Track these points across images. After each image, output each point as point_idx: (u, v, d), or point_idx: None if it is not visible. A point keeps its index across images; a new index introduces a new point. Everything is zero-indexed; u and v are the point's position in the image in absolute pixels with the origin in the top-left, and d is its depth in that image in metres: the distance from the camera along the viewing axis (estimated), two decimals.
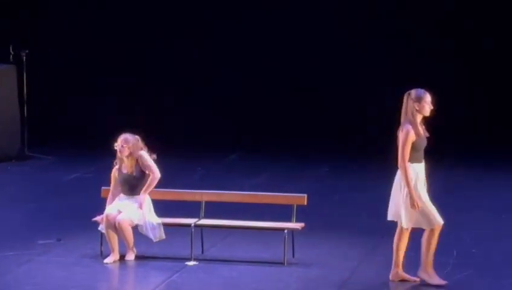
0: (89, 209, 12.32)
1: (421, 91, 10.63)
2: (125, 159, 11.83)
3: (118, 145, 11.82)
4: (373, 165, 16.92)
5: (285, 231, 11.78)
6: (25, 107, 17.89)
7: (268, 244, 11.99)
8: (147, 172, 11.83)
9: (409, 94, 10.60)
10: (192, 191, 12.64)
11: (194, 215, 12.15)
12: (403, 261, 10.77)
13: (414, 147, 10.53)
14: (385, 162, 16.85)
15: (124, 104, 18.46)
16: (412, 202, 10.46)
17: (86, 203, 12.83)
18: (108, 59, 19.53)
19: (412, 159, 10.54)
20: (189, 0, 20.03)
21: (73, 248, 12.22)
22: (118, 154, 11.85)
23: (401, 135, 10.56)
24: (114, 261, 11.74)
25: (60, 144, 17.88)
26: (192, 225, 11.98)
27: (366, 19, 20.41)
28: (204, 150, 16.90)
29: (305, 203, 12.02)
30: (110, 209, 11.79)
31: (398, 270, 10.81)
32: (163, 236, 11.83)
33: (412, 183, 10.50)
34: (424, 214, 10.64)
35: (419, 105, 10.54)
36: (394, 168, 10.31)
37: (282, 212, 12.12)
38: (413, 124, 10.54)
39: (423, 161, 10.71)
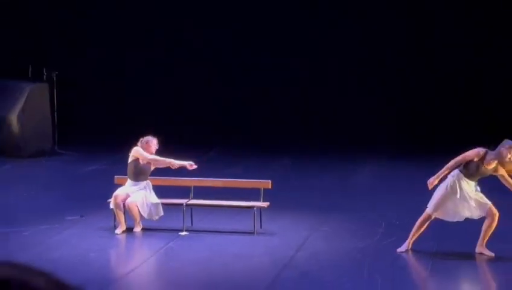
0: (104, 193, 12.32)
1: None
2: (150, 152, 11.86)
3: (143, 142, 11.86)
4: (325, 160, 17.03)
5: (255, 208, 11.86)
6: (55, 115, 17.88)
7: (242, 218, 11.96)
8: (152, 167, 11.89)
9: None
10: (184, 178, 12.68)
11: (185, 197, 12.20)
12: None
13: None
14: (333, 159, 17.09)
15: (130, 112, 18.43)
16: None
17: (102, 189, 12.86)
18: (117, 77, 19.53)
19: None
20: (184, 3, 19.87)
21: (92, 223, 12.22)
22: (152, 146, 11.85)
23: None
24: (122, 232, 11.76)
25: (82, 144, 17.87)
26: (184, 204, 12.03)
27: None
28: (191, 147, 16.93)
29: (270, 187, 12.08)
30: (119, 191, 11.83)
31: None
32: (162, 213, 11.86)
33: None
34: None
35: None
36: (343, 161, 10.41)
37: (252, 194, 12.14)
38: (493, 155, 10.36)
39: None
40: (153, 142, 11.94)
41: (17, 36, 19.59)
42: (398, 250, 10.73)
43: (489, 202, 10.44)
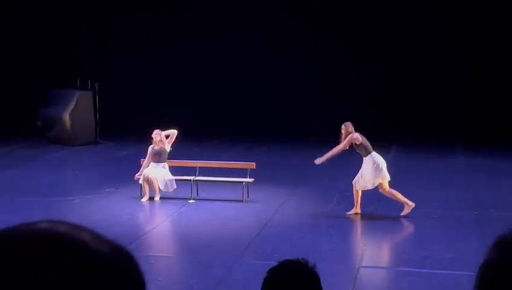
0: (133, 171, 12.29)
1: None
2: (157, 141, 11.88)
3: (154, 134, 11.91)
4: (295, 146, 17.01)
5: (243, 183, 11.85)
6: (97, 115, 17.81)
7: (234, 190, 11.91)
8: (168, 146, 11.89)
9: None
10: (192, 161, 12.65)
11: (192, 174, 12.19)
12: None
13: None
14: (300, 144, 17.02)
15: (151, 111, 18.37)
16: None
17: (132, 168, 12.80)
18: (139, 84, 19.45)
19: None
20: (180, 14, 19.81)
21: (124, 193, 12.18)
22: (154, 138, 11.88)
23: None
24: (147, 201, 11.75)
25: (116, 136, 17.78)
26: (192, 179, 12.02)
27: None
28: (198, 138, 16.86)
29: (255, 167, 12.09)
30: (146, 171, 11.81)
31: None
32: (175, 186, 11.85)
33: None
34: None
35: None
36: (307, 147, 10.21)
37: (242, 172, 12.15)
38: None
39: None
40: (156, 134, 11.88)
41: (70, 57, 19.50)
42: (347, 213, 10.78)
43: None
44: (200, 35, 19.42)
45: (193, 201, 11.73)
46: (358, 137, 10.60)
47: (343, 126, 10.78)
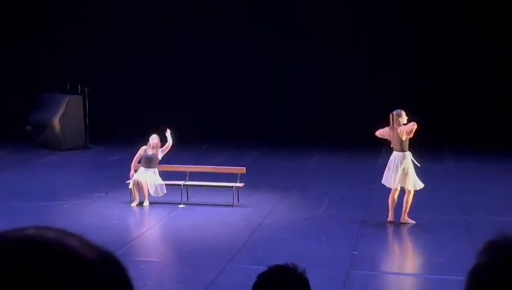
0: (123, 176, 12.26)
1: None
2: (153, 145, 11.84)
3: (152, 138, 11.86)
4: (284, 151, 17.03)
5: (233, 187, 11.84)
6: (87, 119, 17.77)
7: (224, 195, 11.91)
8: (161, 154, 11.86)
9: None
10: (182, 165, 12.64)
11: (183, 179, 12.17)
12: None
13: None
14: (290, 150, 17.05)
15: (141, 116, 18.34)
16: None
17: (122, 172, 12.77)
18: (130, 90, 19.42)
19: None
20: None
21: (114, 198, 12.15)
22: (151, 141, 11.83)
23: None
24: (136, 205, 11.72)
25: (106, 140, 17.75)
26: (182, 184, 11.99)
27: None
28: (189, 143, 16.82)
29: (245, 172, 12.08)
30: (136, 175, 11.77)
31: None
32: (165, 191, 11.82)
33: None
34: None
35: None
36: (298, 152, 10.19)
37: (232, 177, 12.14)
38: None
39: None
40: (153, 139, 11.87)
41: (60, 61, 19.45)
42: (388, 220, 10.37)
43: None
44: (189, 40, 19.41)
45: (183, 206, 11.71)
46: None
47: (396, 113, 10.07)
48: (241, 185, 11.86)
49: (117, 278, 0.85)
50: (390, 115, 10.22)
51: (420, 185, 10.21)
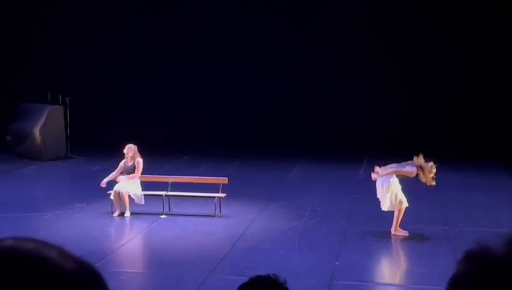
0: (104, 186, 12.20)
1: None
2: (129, 158, 11.80)
3: (126, 149, 11.82)
4: (266, 161, 17.03)
5: (215, 198, 11.82)
6: (68, 130, 17.67)
7: (206, 205, 11.91)
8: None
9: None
10: (164, 176, 12.59)
11: (164, 189, 12.12)
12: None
13: None
14: (272, 161, 17.05)
15: (122, 126, 18.27)
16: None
17: None
18: (113, 97, 19.34)
19: None
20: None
21: (95, 208, 12.08)
22: (125, 154, 11.81)
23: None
24: (118, 215, 11.67)
25: (87, 150, 17.66)
26: (164, 194, 11.95)
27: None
28: (170, 153, 16.79)
29: (227, 182, 12.06)
30: (117, 187, 11.71)
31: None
32: (143, 202, 11.77)
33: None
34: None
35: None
36: (279, 163, 10.16)
37: (214, 187, 12.12)
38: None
39: None
40: (127, 149, 11.83)
41: (40, 71, 19.35)
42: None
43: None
44: (169, 50, 19.39)
45: (165, 216, 11.66)
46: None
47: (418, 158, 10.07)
48: (223, 195, 11.84)
49: (95, 288, 0.84)
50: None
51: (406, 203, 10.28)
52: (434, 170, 10.05)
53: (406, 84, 18.64)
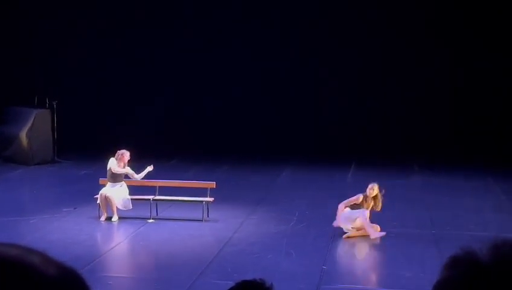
0: (92, 190, 12.15)
1: None
2: (122, 163, 11.75)
3: (119, 154, 11.73)
4: (254, 166, 17.01)
5: (203, 202, 11.80)
6: (55, 133, 17.58)
7: (194, 209, 11.85)
8: (129, 174, 11.80)
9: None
10: (152, 180, 12.53)
11: (152, 193, 12.08)
12: None
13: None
14: (260, 164, 17.04)
15: (110, 130, 18.20)
16: None
17: (90, 188, 12.67)
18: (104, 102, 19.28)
19: None
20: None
21: (83, 213, 12.03)
22: (119, 157, 11.73)
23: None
24: (105, 220, 11.62)
25: (75, 154, 17.58)
26: (151, 198, 11.91)
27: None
28: (159, 157, 16.73)
29: (215, 186, 12.05)
30: (103, 190, 11.68)
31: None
32: (131, 207, 11.73)
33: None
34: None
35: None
36: (268, 167, 10.14)
37: (201, 191, 12.09)
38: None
39: None
40: (126, 154, 11.80)
41: (27, 75, 19.26)
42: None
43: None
44: (159, 55, 19.37)
45: (152, 220, 11.63)
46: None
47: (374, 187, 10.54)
48: (210, 199, 11.82)
49: None
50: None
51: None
52: (374, 192, 10.47)
53: (394, 89, 18.70)
